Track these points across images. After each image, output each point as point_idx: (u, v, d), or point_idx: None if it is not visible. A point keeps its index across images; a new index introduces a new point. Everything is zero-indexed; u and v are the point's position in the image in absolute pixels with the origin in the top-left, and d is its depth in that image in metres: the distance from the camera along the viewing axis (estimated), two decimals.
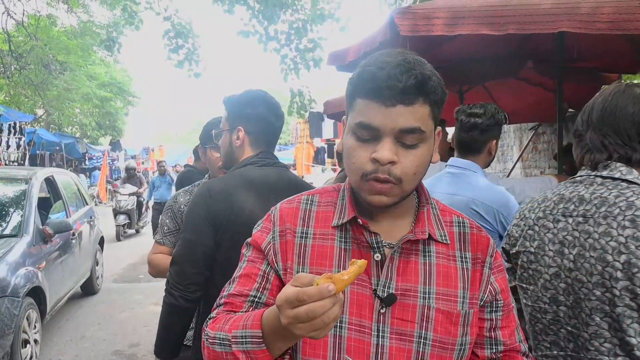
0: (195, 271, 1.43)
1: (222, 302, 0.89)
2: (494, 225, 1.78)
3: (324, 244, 0.87)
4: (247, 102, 1.57)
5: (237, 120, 1.57)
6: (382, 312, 0.82)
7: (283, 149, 22.29)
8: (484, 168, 1.92)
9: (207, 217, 1.43)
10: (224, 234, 1.43)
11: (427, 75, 0.76)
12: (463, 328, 0.84)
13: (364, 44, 2.92)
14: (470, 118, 1.87)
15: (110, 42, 7.77)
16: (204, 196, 1.46)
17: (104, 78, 19.36)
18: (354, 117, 0.80)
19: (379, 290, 0.82)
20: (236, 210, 1.43)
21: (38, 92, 14.73)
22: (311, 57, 7.21)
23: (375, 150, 0.77)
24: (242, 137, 1.56)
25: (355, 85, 0.80)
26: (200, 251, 1.43)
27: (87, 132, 21.52)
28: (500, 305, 0.89)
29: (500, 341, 0.89)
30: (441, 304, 0.83)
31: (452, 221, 0.91)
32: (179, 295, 1.43)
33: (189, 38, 7.63)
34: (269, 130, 1.59)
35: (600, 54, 3.82)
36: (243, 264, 0.92)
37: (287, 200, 0.95)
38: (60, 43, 13.96)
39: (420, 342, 0.82)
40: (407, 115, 0.76)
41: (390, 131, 0.76)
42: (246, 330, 0.76)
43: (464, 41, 3.48)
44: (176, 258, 1.46)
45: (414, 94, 0.75)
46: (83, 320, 4.87)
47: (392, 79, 0.74)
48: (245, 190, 1.47)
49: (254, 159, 1.54)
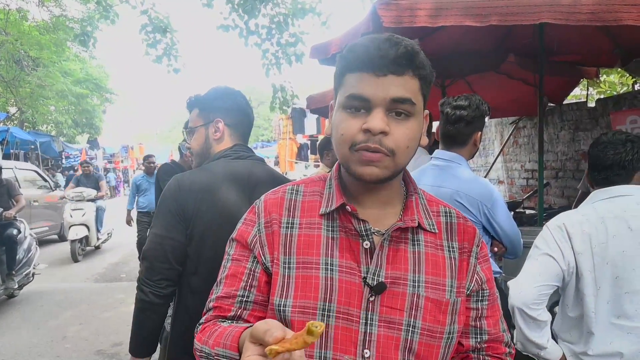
0: (165, 266, 1.41)
1: (210, 306, 0.88)
2: (477, 216, 1.78)
3: (311, 233, 0.85)
4: (224, 95, 1.57)
5: (214, 114, 1.56)
6: (372, 300, 0.81)
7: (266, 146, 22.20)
8: (469, 159, 1.93)
9: (176, 212, 1.41)
10: (194, 229, 1.41)
11: (416, 50, 0.78)
12: (451, 317, 0.84)
13: (347, 36, 2.90)
14: (456, 110, 1.86)
15: (84, 37, 7.52)
16: (173, 190, 1.44)
17: (79, 74, 18.91)
18: (345, 92, 0.79)
19: (368, 278, 0.81)
20: (206, 204, 1.42)
21: (10, 89, 14.28)
22: (293, 52, 7.14)
23: (366, 121, 0.76)
24: (222, 128, 1.55)
25: (346, 61, 0.80)
26: (169, 246, 1.41)
27: (63, 130, 20.96)
28: (486, 294, 0.89)
29: (485, 330, 0.89)
30: (431, 292, 0.83)
31: (439, 211, 0.91)
32: (149, 291, 1.41)
33: (167, 33, 7.45)
34: (246, 122, 1.61)
35: (579, 48, 3.88)
36: (227, 264, 0.90)
37: (272, 192, 0.93)
38: (32, 38, 13.52)
39: (408, 331, 0.81)
40: (398, 85, 0.76)
41: (381, 101, 0.76)
42: (225, 350, 0.76)
43: (447, 35, 3.48)
44: (146, 253, 1.43)
45: (404, 65, 0.76)
46: (64, 320, 4.75)
47: (383, 50, 0.75)
48: (216, 183, 1.45)
49: (227, 152, 1.52)
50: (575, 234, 1.46)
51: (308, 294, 0.81)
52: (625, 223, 1.43)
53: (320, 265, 0.83)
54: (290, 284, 0.83)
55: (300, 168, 14.09)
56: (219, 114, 1.55)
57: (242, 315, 0.86)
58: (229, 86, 1.65)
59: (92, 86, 19.95)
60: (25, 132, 15.57)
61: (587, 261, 1.44)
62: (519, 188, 6.57)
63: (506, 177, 6.93)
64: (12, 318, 4.85)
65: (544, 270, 1.47)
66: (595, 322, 1.42)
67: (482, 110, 1.87)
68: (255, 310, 0.86)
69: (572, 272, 1.47)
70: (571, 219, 1.50)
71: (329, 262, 0.83)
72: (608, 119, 4.75)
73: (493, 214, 1.78)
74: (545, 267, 1.47)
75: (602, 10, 2.10)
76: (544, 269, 1.47)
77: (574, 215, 1.52)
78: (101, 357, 3.84)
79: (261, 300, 0.86)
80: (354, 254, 0.83)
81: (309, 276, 0.82)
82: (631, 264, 1.40)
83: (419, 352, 0.81)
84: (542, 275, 1.46)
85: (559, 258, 1.46)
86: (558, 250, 1.47)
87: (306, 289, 0.82)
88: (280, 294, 0.83)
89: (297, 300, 0.81)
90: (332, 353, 0.80)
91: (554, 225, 1.52)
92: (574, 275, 1.47)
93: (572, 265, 1.46)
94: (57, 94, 16.79)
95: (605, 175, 1.52)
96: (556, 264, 1.46)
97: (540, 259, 1.49)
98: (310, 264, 0.83)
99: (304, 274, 0.83)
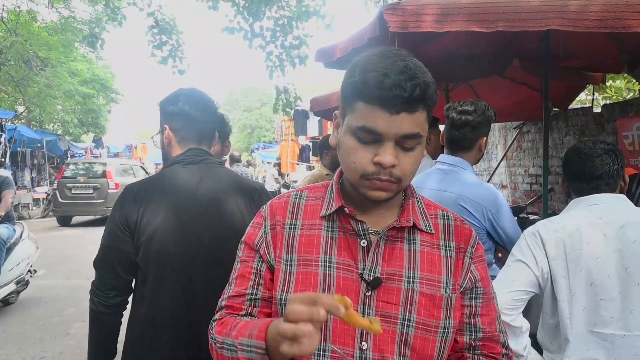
0: (111, 277, 1.40)
1: (223, 304, 0.94)
2: (481, 221, 1.78)
3: (312, 233, 0.91)
4: (169, 101, 1.54)
5: (164, 120, 1.55)
6: (368, 295, 0.86)
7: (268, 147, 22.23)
8: (474, 164, 1.93)
9: (120, 221, 1.39)
10: (140, 238, 1.38)
11: (428, 83, 0.79)
12: (446, 311, 0.87)
13: (352, 40, 2.90)
14: (461, 115, 1.87)
15: (92, 38, 7.57)
16: (119, 199, 1.43)
17: (86, 74, 19.03)
18: (356, 120, 0.81)
19: (365, 274, 0.86)
20: (149, 213, 1.38)
21: (19, 89, 14.41)
22: (297, 54, 7.15)
23: (377, 154, 0.80)
24: (168, 135, 1.54)
25: (357, 89, 0.80)
26: (114, 256, 1.39)
27: (69, 130, 21.10)
28: (480, 292, 0.92)
29: (480, 328, 0.91)
30: (425, 287, 0.87)
31: (436, 214, 0.96)
32: (98, 301, 1.41)
33: (173, 34, 7.50)
34: (194, 126, 1.52)
35: (586, 53, 3.87)
36: (237, 265, 0.96)
37: (277, 197, 1.00)
38: (41, 39, 13.66)
39: (404, 324, 0.85)
40: (409, 122, 0.79)
41: (393, 136, 0.80)
42: (251, 340, 0.79)
43: (451, 39, 3.48)
44: (95, 264, 1.43)
45: (416, 103, 0.78)
46: (67, 317, 4.78)
47: (398, 88, 0.76)
48: (164, 191, 1.42)
49: (180, 157, 1.50)
50: (549, 240, 1.47)
51: (307, 289, 0.87)
52: (600, 230, 1.44)
53: (320, 262, 0.88)
54: (291, 280, 0.89)
55: (302, 169, 14.10)
56: (166, 120, 1.54)
57: (252, 313, 0.92)
58: (192, 88, 1.59)
59: (98, 86, 20.06)
60: (33, 130, 15.66)
61: (561, 267, 1.44)
62: (522, 193, 6.54)
63: (509, 181, 6.91)
64: (16, 314, 4.89)
65: (517, 277, 1.48)
66: (570, 329, 1.42)
67: (487, 115, 1.87)
68: (264, 307, 0.92)
69: (547, 278, 1.47)
70: (546, 226, 1.52)
71: (328, 259, 0.88)
72: (614, 125, 4.73)
73: (497, 219, 1.77)
74: (518, 274, 1.48)
75: (609, 17, 2.09)
76: (516, 275, 1.48)
77: (549, 223, 1.53)
78: None
79: (268, 297, 0.92)
80: (352, 252, 0.88)
81: (309, 272, 0.88)
82: (605, 270, 1.40)
83: (415, 345, 0.85)
84: (515, 281, 1.47)
85: (531, 264, 1.47)
86: (531, 257, 1.48)
87: (306, 284, 0.88)
88: (282, 289, 0.89)
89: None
90: (331, 345, 0.85)
91: (529, 233, 1.54)
92: (549, 281, 1.47)
93: (546, 271, 1.47)
94: (64, 93, 16.91)
95: (594, 185, 1.52)
96: (529, 270, 1.47)
97: (514, 265, 1.50)
98: (310, 262, 0.89)
99: (304, 270, 0.89)
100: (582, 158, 1.54)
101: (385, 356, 0.85)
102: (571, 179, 1.59)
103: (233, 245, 1.02)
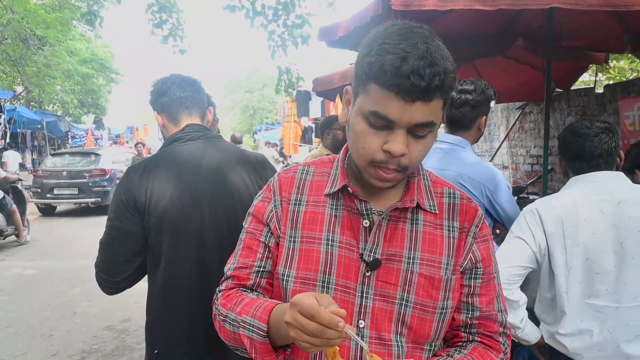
0: (121, 259, 1.40)
1: (228, 274, 0.95)
2: (480, 199, 1.81)
3: (316, 211, 0.91)
4: (151, 90, 1.58)
5: (153, 109, 1.58)
6: (367, 275, 0.86)
7: (270, 129, 22.15)
8: (473, 143, 1.94)
9: (127, 203, 1.38)
10: (150, 218, 1.38)
11: (448, 70, 0.75)
12: (445, 293, 0.87)
13: (355, 18, 2.89)
14: (461, 95, 1.88)
15: (91, 15, 7.47)
16: (124, 180, 1.43)
17: (85, 54, 18.85)
18: (368, 103, 0.77)
19: (365, 254, 0.86)
20: (156, 193, 1.38)
21: (17, 68, 14.29)
22: (299, 34, 7.08)
23: (387, 141, 0.78)
24: (158, 117, 1.57)
25: (372, 71, 0.75)
26: (124, 238, 1.39)
27: (69, 110, 21.03)
28: (479, 273, 0.91)
29: (477, 307, 0.91)
30: (424, 269, 0.87)
31: (442, 192, 0.94)
32: (103, 283, 1.44)
33: (173, 13, 7.40)
34: (176, 98, 1.53)
35: (589, 33, 3.83)
36: (243, 236, 0.96)
37: (285, 170, 0.99)
38: (38, 17, 13.48)
39: (402, 304, 0.86)
40: (424, 111, 0.75)
41: (405, 125, 0.76)
42: (254, 319, 0.81)
43: (454, 18, 3.45)
44: (102, 246, 1.43)
45: (434, 92, 0.74)
46: (73, 297, 4.86)
47: (416, 76, 0.71)
48: (168, 169, 1.42)
49: (178, 135, 1.50)
50: (547, 217, 1.51)
51: (309, 267, 0.88)
52: (597, 206, 1.47)
53: (322, 240, 0.89)
54: (294, 257, 0.89)
55: (304, 151, 14.09)
56: (155, 108, 1.57)
57: (260, 284, 0.93)
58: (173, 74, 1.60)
59: (97, 66, 19.90)
60: (32, 111, 15.62)
61: (559, 243, 1.48)
62: (524, 173, 6.57)
63: (511, 162, 6.93)
64: (23, 294, 4.98)
65: (515, 253, 1.52)
66: (567, 302, 1.48)
67: (487, 94, 1.88)
68: (269, 279, 0.94)
69: (544, 254, 1.52)
70: (544, 203, 1.55)
71: (331, 238, 0.88)
72: (616, 105, 4.73)
73: (496, 196, 1.80)
74: (516, 250, 1.53)
75: None
76: (515, 251, 1.53)
77: (547, 201, 1.57)
78: (110, 332, 3.96)
79: (274, 270, 0.93)
80: (354, 232, 0.88)
81: (311, 250, 0.89)
82: (601, 245, 1.44)
83: (412, 324, 0.86)
84: (513, 257, 1.52)
85: (529, 240, 1.52)
86: (529, 233, 1.52)
87: (308, 261, 0.88)
88: (285, 264, 0.90)
89: (299, 271, 0.88)
90: None
91: (527, 210, 1.57)
92: (547, 256, 1.52)
93: (544, 247, 1.51)
94: (63, 73, 16.80)
95: (594, 164, 1.55)
96: (527, 246, 1.51)
97: (512, 242, 1.55)
98: (313, 239, 0.89)
99: (307, 247, 0.89)
100: (581, 138, 1.56)
101: (382, 334, 0.86)
102: (570, 159, 1.61)
103: (241, 217, 1.03)
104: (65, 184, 9.97)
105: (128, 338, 3.83)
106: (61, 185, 9.96)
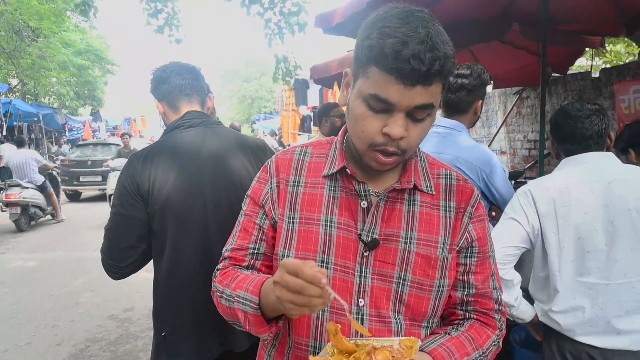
0: (125, 245, 1.42)
1: (226, 255, 0.98)
2: (476, 182, 1.84)
3: (314, 192, 0.93)
4: (152, 79, 1.59)
5: (154, 97, 1.60)
6: (366, 255, 0.89)
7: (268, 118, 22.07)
8: (470, 127, 1.97)
9: (131, 190, 1.40)
10: (154, 205, 1.40)
11: (448, 55, 0.75)
12: (441, 271, 0.90)
13: (352, 5, 2.89)
14: (457, 79, 1.89)
15: (85, 6, 7.40)
16: (127, 167, 1.45)
17: (80, 45, 18.67)
18: (368, 86, 0.78)
19: (363, 235, 0.88)
20: (159, 180, 1.40)
21: (11, 61, 14.17)
22: (296, 21, 7.04)
23: (387, 124, 0.79)
24: (158, 105, 1.59)
25: (373, 54, 0.76)
26: (128, 224, 1.41)
27: (65, 102, 20.87)
28: (475, 251, 0.94)
29: (473, 285, 0.93)
30: (421, 248, 0.89)
31: (439, 174, 0.96)
32: (109, 268, 1.47)
33: (168, 2, 7.35)
34: (174, 89, 1.55)
35: (584, 17, 3.83)
36: (241, 218, 0.99)
37: (282, 152, 1.00)
38: (31, 8, 13.34)
39: (399, 283, 0.88)
40: (424, 94, 0.76)
41: (405, 108, 0.77)
42: (247, 293, 0.85)
43: (451, 3, 3.45)
44: (107, 233, 1.45)
45: (434, 76, 0.75)
46: (76, 287, 4.91)
47: (416, 60, 0.72)
48: (170, 156, 1.44)
49: (179, 122, 1.52)
50: (540, 198, 1.54)
51: (308, 247, 0.90)
52: (588, 187, 1.51)
53: (321, 221, 0.90)
54: (293, 238, 0.91)
55: (303, 140, 14.08)
56: (155, 96, 1.59)
57: (255, 265, 0.96)
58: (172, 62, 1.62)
59: (93, 57, 19.73)
60: (28, 104, 15.53)
61: (551, 223, 1.52)
62: (521, 158, 6.60)
63: (509, 147, 6.95)
64: (26, 285, 5.03)
65: (509, 233, 1.56)
66: (559, 280, 1.52)
67: (483, 79, 1.90)
68: (265, 260, 0.97)
69: (538, 234, 1.55)
70: (537, 185, 1.59)
71: (329, 219, 0.90)
72: (612, 89, 4.74)
73: (491, 179, 1.83)
74: (510, 230, 1.56)
75: None
76: (509, 231, 1.57)
77: (540, 182, 1.61)
78: (114, 321, 4.00)
79: (269, 252, 0.96)
80: (352, 213, 0.90)
81: (310, 231, 0.90)
82: (592, 224, 1.48)
83: (409, 302, 0.89)
84: (507, 237, 1.56)
85: (523, 221, 1.55)
86: (523, 214, 1.56)
87: (307, 242, 0.90)
88: (284, 245, 0.92)
89: (298, 252, 0.90)
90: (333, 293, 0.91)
91: (521, 192, 1.61)
92: (540, 236, 1.55)
93: (537, 227, 1.55)
94: (58, 65, 16.67)
95: (585, 145, 1.58)
96: (521, 227, 1.55)
97: (506, 223, 1.59)
98: (312, 220, 0.91)
99: (305, 228, 0.91)
100: (572, 120, 1.59)
101: (382, 312, 0.88)
102: (562, 141, 1.64)
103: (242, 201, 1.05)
104: (90, 172, 11.03)
105: (131, 326, 3.87)
106: (86, 174, 11.02)
